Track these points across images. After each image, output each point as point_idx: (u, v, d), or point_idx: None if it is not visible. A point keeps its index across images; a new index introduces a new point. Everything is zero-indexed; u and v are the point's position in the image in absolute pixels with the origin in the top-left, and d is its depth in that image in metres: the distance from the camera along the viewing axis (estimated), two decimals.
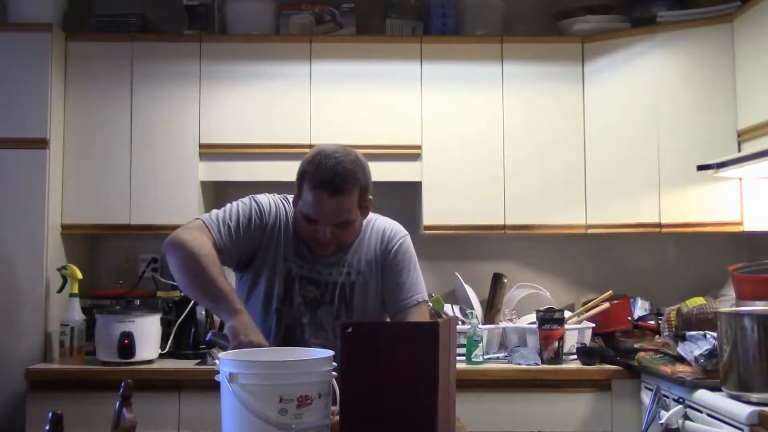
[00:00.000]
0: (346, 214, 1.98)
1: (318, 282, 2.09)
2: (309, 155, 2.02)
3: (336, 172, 1.94)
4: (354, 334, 1.56)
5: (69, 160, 3.47)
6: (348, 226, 2.01)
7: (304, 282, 2.08)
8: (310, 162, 1.99)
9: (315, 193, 1.95)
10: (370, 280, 2.12)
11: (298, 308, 2.07)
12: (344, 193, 1.95)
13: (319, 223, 1.98)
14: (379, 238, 2.14)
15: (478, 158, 3.52)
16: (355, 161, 1.99)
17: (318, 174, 1.95)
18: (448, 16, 3.65)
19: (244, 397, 1.53)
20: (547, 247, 3.82)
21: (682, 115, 3.35)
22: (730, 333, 2.38)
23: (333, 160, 1.95)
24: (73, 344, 3.22)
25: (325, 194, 1.94)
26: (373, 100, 3.52)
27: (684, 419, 2.64)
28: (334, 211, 1.96)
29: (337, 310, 2.09)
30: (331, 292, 2.09)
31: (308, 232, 2.02)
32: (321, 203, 1.95)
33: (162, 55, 3.52)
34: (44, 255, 3.30)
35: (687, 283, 3.62)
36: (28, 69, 3.34)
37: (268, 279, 2.09)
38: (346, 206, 1.97)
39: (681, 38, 3.36)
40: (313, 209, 1.97)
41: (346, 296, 2.10)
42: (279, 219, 2.10)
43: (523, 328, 3.38)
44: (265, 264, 2.09)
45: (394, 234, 2.16)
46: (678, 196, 3.32)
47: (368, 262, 2.12)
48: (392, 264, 2.13)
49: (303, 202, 2.00)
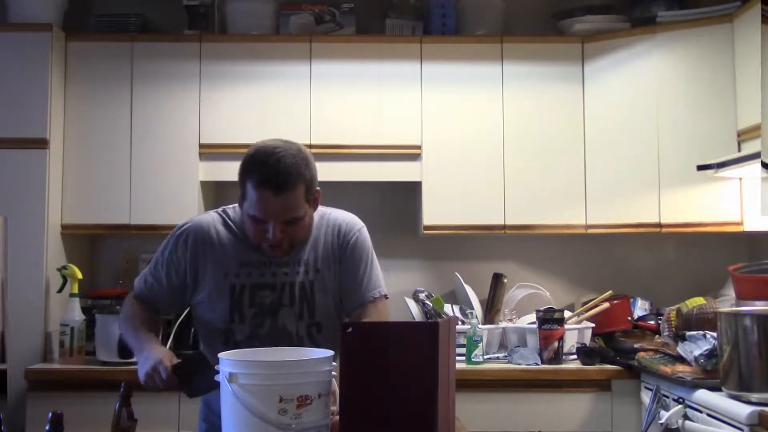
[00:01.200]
0: (294, 211, 1.90)
1: (273, 285, 2.00)
2: (249, 153, 1.95)
3: (278, 170, 1.86)
4: (354, 334, 1.56)
5: (69, 160, 3.47)
6: (297, 222, 1.93)
7: (256, 290, 1.99)
8: (250, 161, 1.93)
9: (259, 192, 1.88)
10: (328, 276, 2.04)
11: (252, 320, 1.99)
12: (289, 189, 1.87)
13: (267, 222, 1.90)
14: (334, 232, 2.06)
15: (478, 158, 3.52)
16: (296, 155, 1.91)
17: (260, 173, 1.88)
18: (448, 16, 3.65)
19: (244, 397, 1.53)
20: (547, 247, 3.82)
21: (682, 115, 3.35)
22: (730, 333, 2.38)
23: (274, 156, 1.88)
24: (73, 344, 3.22)
25: (269, 193, 1.86)
26: (373, 100, 3.52)
27: (684, 419, 2.64)
28: (281, 209, 1.89)
29: (299, 311, 2.00)
30: (289, 294, 2.00)
31: (257, 234, 1.94)
32: (266, 203, 1.88)
33: (162, 55, 3.52)
34: (44, 255, 3.30)
35: (687, 283, 3.62)
36: (28, 69, 3.34)
37: (209, 302, 2.01)
38: (293, 203, 1.89)
39: (681, 38, 3.36)
40: (259, 210, 1.89)
41: (307, 295, 2.01)
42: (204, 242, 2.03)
43: (523, 328, 3.38)
44: (203, 289, 2.02)
45: (350, 227, 2.07)
46: (678, 196, 3.32)
47: (325, 258, 2.04)
48: (349, 259, 2.04)
49: (248, 203, 1.92)
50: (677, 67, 3.38)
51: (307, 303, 2.01)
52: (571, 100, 3.55)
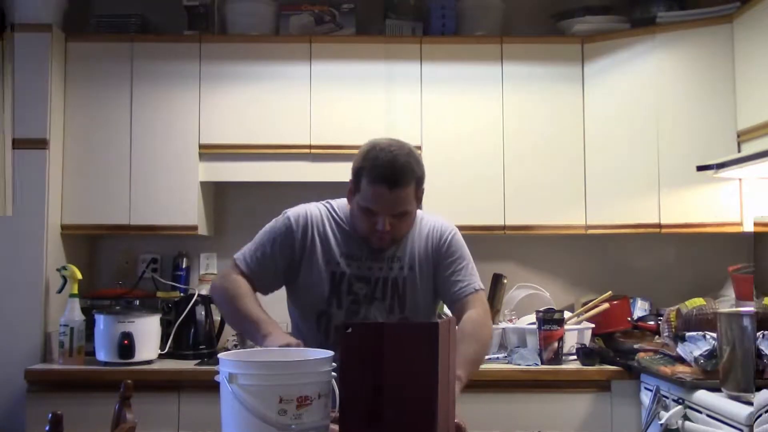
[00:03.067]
0: (405, 205, 2.04)
1: (368, 279, 2.12)
2: (363, 150, 2.08)
3: (394, 166, 1.99)
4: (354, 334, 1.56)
5: (69, 160, 3.47)
6: (405, 216, 2.07)
7: (353, 280, 2.11)
8: (365, 157, 2.05)
9: (374, 187, 2.01)
10: (421, 275, 2.15)
11: (349, 307, 2.10)
12: (402, 186, 2.01)
13: (379, 215, 2.03)
14: (430, 233, 2.18)
15: (477, 158, 3.52)
16: (409, 154, 2.04)
17: (376, 169, 2.00)
18: (447, 16, 3.65)
19: (244, 398, 1.53)
20: (547, 247, 3.83)
21: (682, 115, 3.35)
22: (729, 334, 2.38)
23: (389, 154, 2.01)
24: (72, 344, 3.22)
25: (384, 188, 1.99)
26: (373, 101, 3.52)
27: (684, 420, 2.64)
28: (394, 203, 2.02)
29: (389, 306, 2.12)
30: (382, 288, 2.12)
31: (366, 225, 2.07)
32: (380, 197, 2.01)
33: (162, 56, 3.52)
34: (44, 255, 3.30)
35: (687, 284, 3.62)
36: (28, 69, 3.34)
37: (309, 287, 2.13)
38: (405, 198, 2.03)
39: (681, 39, 3.37)
40: (373, 203, 2.02)
41: (399, 291, 2.12)
42: (313, 229, 2.15)
43: (522, 329, 3.38)
44: (304, 274, 2.13)
45: (446, 228, 2.20)
46: (678, 196, 3.32)
47: (420, 257, 2.15)
48: (446, 256, 2.16)
49: (361, 196, 2.05)
50: (677, 67, 3.38)
51: (399, 299, 2.13)
52: (571, 100, 3.55)
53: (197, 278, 3.76)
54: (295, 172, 3.52)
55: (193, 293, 3.52)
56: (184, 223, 3.48)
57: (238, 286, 2.10)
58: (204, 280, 3.71)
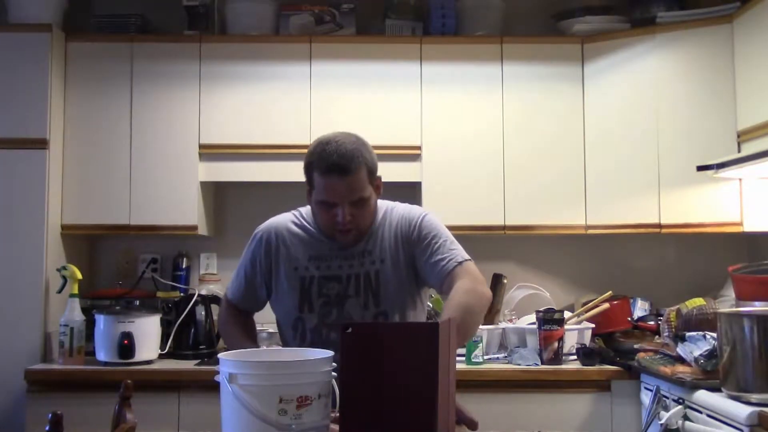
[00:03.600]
0: (360, 191, 2.05)
1: (339, 277, 2.11)
2: (311, 147, 2.10)
3: (340, 153, 2.01)
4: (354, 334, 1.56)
5: (69, 160, 3.47)
6: (364, 204, 2.07)
7: (323, 281, 2.11)
8: (313, 153, 2.07)
9: (326, 178, 2.02)
10: (394, 266, 2.12)
11: (321, 310, 2.10)
12: (353, 171, 2.02)
13: (337, 206, 2.04)
14: (399, 222, 2.16)
15: (478, 158, 3.52)
16: (356, 141, 2.08)
17: (323, 160, 2.02)
18: (447, 16, 3.65)
19: (244, 398, 1.53)
20: (547, 247, 3.83)
21: (682, 115, 3.35)
22: (729, 334, 2.38)
23: (334, 144, 2.04)
24: (72, 344, 3.21)
25: (335, 177, 2.01)
26: (373, 101, 3.52)
27: (684, 420, 2.64)
28: (348, 190, 2.03)
29: (364, 302, 2.10)
30: (354, 285, 2.11)
31: (327, 220, 2.07)
32: (334, 187, 2.02)
33: (162, 56, 3.52)
34: (44, 255, 3.30)
35: (687, 284, 3.63)
36: (28, 69, 3.34)
37: (282, 294, 2.16)
38: (358, 184, 2.04)
39: (680, 39, 3.37)
40: (328, 193, 2.04)
41: (372, 285, 2.11)
42: (277, 238, 2.17)
43: (522, 329, 3.38)
44: (277, 283, 2.17)
45: (414, 213, 2.18)
46: (678, 196, 3.32)
47: (391, 249, 2.13)
48: (420, 241, 2.13)
49: (316, 191, 2.06)
50: (677, 67, 3.38)
51: (372, 293, 2.11)
52: (571, 100, 3.55)
53: (197, 278, 3.76)
54: (295, 172, 3.44)
55: (193, 293, 3.52)
56: (184, 223, 3.48)
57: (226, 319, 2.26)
58: (204, 280, 3.71)
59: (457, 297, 1.97)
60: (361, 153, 2.04)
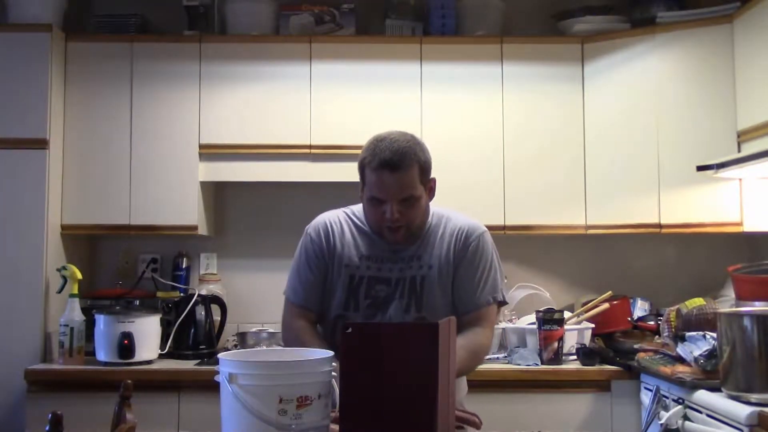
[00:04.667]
0: (410, 189, 2.03)
1: (388, 280, 2.11)
2: (366, 145, 2.08)
3: (393, 149, 2.00)
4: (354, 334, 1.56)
5: (69, 160, 3.47)
6: (414, 203, 2.04)
7: (372, 282, 2.11)
8: (367, 149, 2.06)
9: (377, 173, 2.01)
10: (440, 275, 2.12)
11: (366, 310, 2.10)
12: (404, 168, 2.00)
13: (386, 202, 2.02)
14: (454, 235, 2.15)
15: (478, 158, 3.52)
16: (411, 140, 2.06)
17: (377, 156, 2.01)
18: (447, 16, 3.65)
19: (244, 398, 1.53)
20: (547, 247, 3.82)
21: (682, 115, 3.35)
22: (729, 334, 2.38)
23: (388, 141, 2.03)
24: (72, 344, 3.21)
25: (386, 172, 2.00)
26: (373, 101, 3.52)
27: (684, 420, 2.64)
28: (398, 187, 2.01)
29: (406, 305, 2.10)
30: (401, 288, 2.10)
31: (377, 216, 2.06)
32: (384, 182, 2.01)
33: (162, 56, 3.52)
34: (44, 255, 3.30)
35: (687, 284, 3.63)
36: (28, 69, 3.34)
37: (332, 291, 2.14)
38: (408, 181, 2.02)
39: (681, 39, 3.36)
40: (377, 189, 2.02)
41: (417, 290, 2.10)
42: (333, 234, 2.16)
43: (522, 329, 3.37)
44: (331, 280, 2.15)
45: (472, 231, 2.16)
46: (678, 196, 3.32)
47: (441, 258, 2.12)
48: (468, 263, 2.13)
49: (367, 188, 2.05)
50: (677, 67, 3.38)
51: (416, 297, 2.10)
52: (571, 100, 3.55)
53: (197, 278, 3.76)
54: (295, 172, 3.52)
55: (193, 293, 3.52)
56: (184, 223, 3.48)
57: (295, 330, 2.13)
58: (204, 280, 3.71)
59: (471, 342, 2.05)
60: (414, 151, 2.03)
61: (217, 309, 3.55)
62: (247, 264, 3.82)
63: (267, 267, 3.77)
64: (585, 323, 3.36)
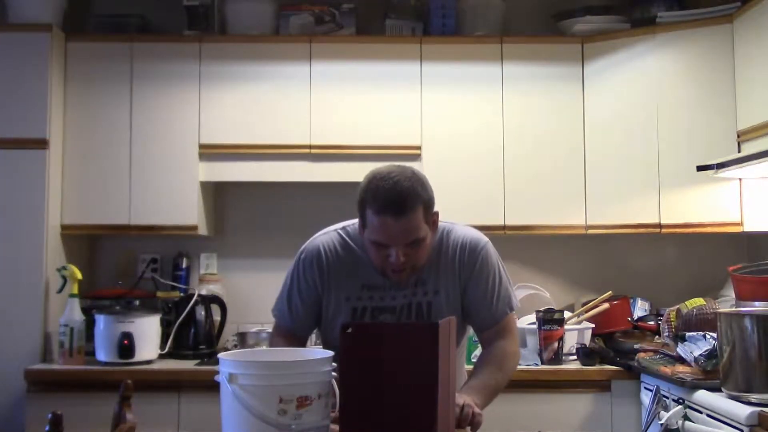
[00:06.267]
0: (416, 232, 1.92)
1: (393, 308, 2.04)
2: (364, 181, 1.97)
3: (396, 192, 1.88)
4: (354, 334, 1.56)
5: (69, 160, 3.47)
6: (419, 244, 1.95)
7: (376, 312, 2.03)
8: (366, 189, 1.94)
9: (379, 218, 1.89)
10: (447, 298, 2.06)
11: None
12: (409, 212, 1.89)
13: (390, 247, 1.92)
14: (457, 251, 2.08)
15: (477, 158, 3.52)
16: (412, 177, 1.93)
17: (378, 199, 1.89)
18: (447, 16, 3.64)
19: (244, 398, 1.53)
20: (547, 247, 3.82)
21: (682, 115, 3.35)
22: (729, 334, 2.38)
23: (390, 181, 1.90)
24: (72, 344, 3.21)
25: (389, 218, 1.88)
26: (373, 101, 3.52)
27: (684, 420, 2.64)
28: (403, 233, 1.90)
29: None
30: (407, 315, 2.04)
31: (380, 259, 1.96)
32: (387, 228, 1.89)
33: (162, 56, 3.52)
34: (44, 255, 3.30)
35: (687, 284, 3.63)
36: (28, 69, 3.34)
37: (330, 322, 2.07)
38: (414, 225, 1.91)
39: (681, 39, 3.36)
40: (381, 235, 1.91)
41: (423, 316, 2.03)
42: (328, 263, 2.07)
43: (522, 329, 3.37)
44: (327, 309, 2.08)
45: (474, 245, 2.10)
46: (678, 196, 3.32)
47: (447, 280, 2.06)
48: (477, 277, 2.08)
49: (369, 230, 1.94)
50: (677, 67, 3.38)
51: None
52: (571, 100, 3.55)
53: (197, 278, 3.76)
54: (295, 172, 3.52)
55: (193, 293, 3.52)
56: (184, 223, 3.48)
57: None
58: (204, 280, 3.71)
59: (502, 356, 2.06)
60: (416, 192, 1.90)
61: (217, 309, 3.55)
62: (247, 264, 3.82)
63: (267, 267, 3.77)
64: (585, 323, 3.36)
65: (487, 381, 1.99)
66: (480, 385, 1.97)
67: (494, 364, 2.03)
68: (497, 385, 2.02)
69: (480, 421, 1.87)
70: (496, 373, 2.02)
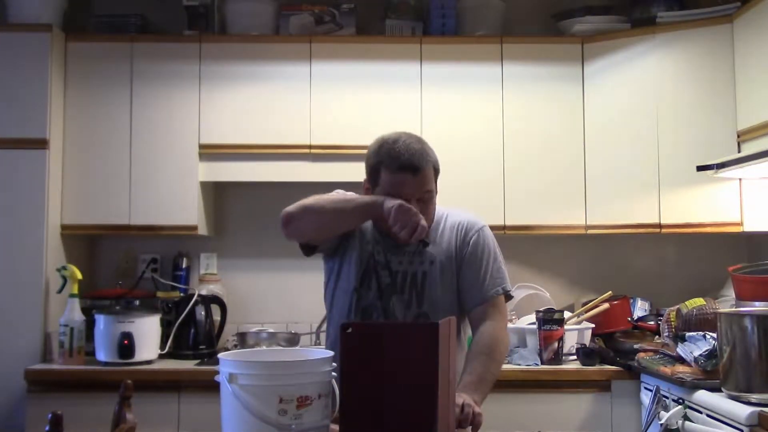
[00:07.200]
0: (428, 184, 2.10)
1: (391, 270, 2.14)
2: (374, 147, 2.14)
3: (411, 152, 2.08)
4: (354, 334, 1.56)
5: (69, 160, 3.47)
6: (430, 199, 2.12)
7: (379, 268, 2.15)
8: (379, 152, 2.11)
9: (398, 176, 2.07)
10: (443, 271, 2.16)
11: (375, 292, 2.13)
12: (424, 168, 2.08)
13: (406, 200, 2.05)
14: (454, 230, 2.21)
15: (477, 158, 3.52)
16: (420, 140, 2.14)
17: (395, 159, 2.07)
18: (447, 16, 3.65)
19: (244, 398, 1.53)
20: (547, 247, 3.82)
21: (682, 115, 3.35)
22: (729, 334, 2.38)
23: (402, 144, 2.10)
24: (72, 344, 3.22)
25: (408, 175, 2.06)
26: (373, 101, 3.52)
27: (684, 420, 2.64)
28: (418, 186, 2.08)
29: (408, 300, 2.13)
30: (402, 281, 2.14)
31: None
32: (405, 183, 2.06)
33: (162, 56, 3.52)
34: (44, 255, 3.30)
35: (687, 284, 3.63)
36: (28, 69, 3.34)
37: (350, 262, 2.17)
38: (427, 178, 2.10)
39: (681, 39, 3.37)
40: (400, 189, 2.06)
41: (417, 286, 2.14)
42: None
43: (523, 329, 3.37)
44: (349, 249, 2.18)
45: (471, 225, 2.22)
46: (678, 196, 3.32)
47: (444, 254, 2.17)
48: (470, 256, 2.18)
49: (382, 188, 2.09)
50: (677, 67, 3.38)
51: (417, 293, 2.14)
52: (571, 100, 3.55)
53: (197, 278, 3.76)
54: (295, 172, 3.51)
55: (193, 293, 3.52)
56: (184, 223, 3.48)
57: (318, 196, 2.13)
58: (204, 280, 3.71)
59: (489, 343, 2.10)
60: (427, 152, 2.12)
61: (217, 309, 3.55)
62: (247, 264, 3.82)
63: (267, 267, 3.77)
64: (585, 323, 3.36)
65: (483, 374, 2.03)
66: (476, 381, 2.01)
67: (485, 353, 2.08)
68: (492, 377, 2.07)
69: (480, 421, 1.88)
70: (489, 364, 2.07)
